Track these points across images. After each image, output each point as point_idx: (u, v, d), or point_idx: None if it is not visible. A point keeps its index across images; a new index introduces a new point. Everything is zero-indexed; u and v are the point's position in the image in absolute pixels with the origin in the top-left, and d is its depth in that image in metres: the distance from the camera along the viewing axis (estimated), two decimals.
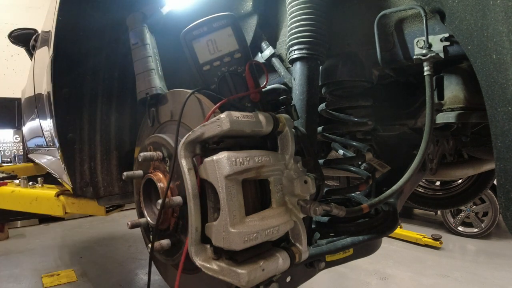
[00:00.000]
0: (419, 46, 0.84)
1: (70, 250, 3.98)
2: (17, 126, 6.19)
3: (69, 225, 4.96)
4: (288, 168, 0.70)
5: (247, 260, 0.62)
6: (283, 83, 1.04)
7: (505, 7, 0.52)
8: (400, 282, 3.16)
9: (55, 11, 1.17)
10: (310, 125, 0.89)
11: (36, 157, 2.89)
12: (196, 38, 0.75)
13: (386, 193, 0.91)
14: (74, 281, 3.13)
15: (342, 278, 3.19)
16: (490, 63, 0.56)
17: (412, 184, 1.35)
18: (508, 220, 0.57)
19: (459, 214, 4.49)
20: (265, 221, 0.62)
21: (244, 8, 1.10)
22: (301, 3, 0.90)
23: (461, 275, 3.29)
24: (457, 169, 1.63)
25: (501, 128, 0.56)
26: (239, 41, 0.75)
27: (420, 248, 4.04)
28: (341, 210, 0.74)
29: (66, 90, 1.23)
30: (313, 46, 0.90)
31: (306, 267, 0.90)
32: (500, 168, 0.57)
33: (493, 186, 3.16)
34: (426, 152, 0.85)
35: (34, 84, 2.30)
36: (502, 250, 3.98)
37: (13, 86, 5.93)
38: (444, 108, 0.98)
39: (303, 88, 0.89)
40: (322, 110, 1.08)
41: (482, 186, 2.29)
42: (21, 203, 2.06)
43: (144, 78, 1.05)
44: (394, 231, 1.03)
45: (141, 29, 1.09)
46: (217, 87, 0.75)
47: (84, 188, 1.38)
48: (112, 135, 1.39)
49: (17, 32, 3.06)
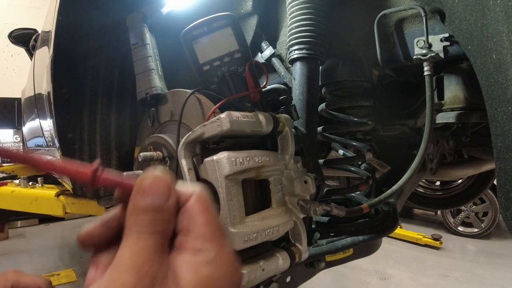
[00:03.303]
0: (419, 46, 0.84)
1: (70, 250, 3.98)
2: (17, 126, 6.19)
3: (69, 225, 4.96)
4: (288, 168, 0.70)
5: (247, 260, 0.62)
6: (283, 83, 1.04)
7: (505, 7, 0.52)
8: (400, 282, 3.16)
9: (55, 11, 1.17)
10: (310, 125, 0.89)
11: None
12: (196, 38, 0.75)
13: (386, 193, 0.91)
14: (74, 281, 3.13)
15: (342, 278, 3.19)
16: (490, 63, 0.57)
17: (412, 184, 1.35)
18: (508, 220, 0.57)
19: (459, 214, 4.49)
20: (265, 221, 0.62)
21: (244, 8, 1.10)
22: (301, 3, 0.90)
23: (461, 275, 3.29)
24: (457, 169, 1.63)
25: (501, 128, 0.56)
26: (239, 41, 0.75)
27: (420, 248, 4.04)
28: (341, 210, 0.74)
29: (66, 90, 1.24)
30: (313, 46, 0.90)
31: (306, 267, 0.90)
32: (500, 168, 0.57)
33: (493, 186, 3.16)
34: (426, 152, 0.85)
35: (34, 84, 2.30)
36: (502, 250, 3.98)
37: (13, 86, 5.93)
38: (444, 108, 0.98)
39: (303, 88, 0.89)
40: (322, 110, 1.08)
41: (482, 186, 2.29)
42: (21, 203, 2.06)
43: (144, 78, 1.05)
44: (394, 231, 1.03)
45: (141, 29, 1.09)
46: (217, 87, 0.75)
47: (84, 188, 1.38)
48: (112, 135, 1.39)
49: (17, 32, 3.06)
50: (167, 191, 0.30)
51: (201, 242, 0.29)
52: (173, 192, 0.30)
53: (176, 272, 0.27)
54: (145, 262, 0.26)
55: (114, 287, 0.26)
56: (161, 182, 0.30)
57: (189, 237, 0.29)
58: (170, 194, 0.30)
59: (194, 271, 0.27)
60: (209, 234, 0.29)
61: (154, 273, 0.26)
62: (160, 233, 0.28)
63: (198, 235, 0.29)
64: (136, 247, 0.27)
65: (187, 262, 0.28)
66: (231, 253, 0.30)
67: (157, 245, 0.28)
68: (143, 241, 0.27)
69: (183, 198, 0.31)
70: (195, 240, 0.29)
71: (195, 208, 0.30)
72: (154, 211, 0.29)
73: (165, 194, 0.30)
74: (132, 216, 0.29)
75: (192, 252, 0.28)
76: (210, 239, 0.29)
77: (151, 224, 0.28)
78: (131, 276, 0.26)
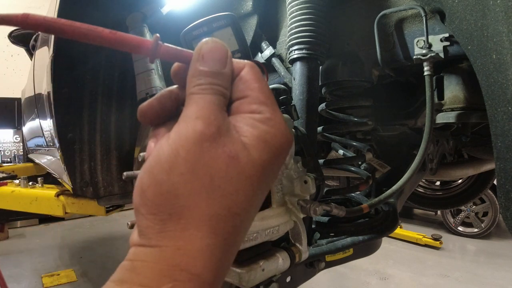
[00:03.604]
0: (419, 46, 0.84)
1: (70, 250, 3.98)
2: (17, 126, 6.19)
3: (69, 225, 4.96)
4: (288, 168, 0.70)
5: (247, 260, 0.62)
6: (283, 83, 1.04)
7: (505, 7, 0.52)
8: (400, 282, 3.16)
9: (55, 11, 1.17)
10: (310, 125, 0.89)
11: (36, 157, 2.89)
12: (196, 38, 0.75)
13: (386, 193, 0.91)
14: (74, 281, 3.13)
15: (342, 278, 3.20)
16: (490, 63, 0.56)
17: (412, 184, 1.35)
18: (508, 220, 0.57)
19: (459, 214, 4.49)
20: (265, 221, 0.62)
21: (244, 8, 1.10)
22: (301, 3, 0.90)
23: (461, 275, 3.29)
24: (457, 169, 1.64)
25: (501, 128, 0.56)
26: (239, 41, 0.75)
27: (420, 248, 4.04)
28: (341, 210, 0.74)
29: (66, 90, 1.24)
30: (313, 46, 0.90)
31: (306, 267, 0.90)
32: (500, 168, 0.57)
33: (493, 186, 3.16)
34: (426, 152, 0.85)
35: (34, 84, 2.30)
36: (502, 250, 3.98)
37: (13, 86, 5.93)
38: (444, 108, 0.98)
39: (303, 88, 0.89)
40: (322, 110, 1.08)
41: (482, 186, 2.29)
42: (21, 203, 2.06)
43: (144, 78, 1.05)
44: (394, 231, 1.03)
45: (141, 29, 1.09)
46: None
47: (84, 188, 1.38)
48: (112, 135, 1.39)
49: (17, 32, 3.06)
50: (224, 58, 0.32)
51: (257, 105, 0.31)
52: (229, 60, 0.33)
53: (237, 126, 0.30)
54: (211, 114, 0.29)
55: (186, 133, 0.28)
56: (219, 49, 0.33)
57: (245, 102, 0.32)
58: (227, 61, 0.32)
59: (253, 127, 0.30)
60: (264, 99, 0.32)
61: (219, 123, 0.29)
62: (221, 95, 0.31)
63: (254, 100, 0.32)
64: (202, 102, 0.30)
65: (246, 119, 0.31)
66: (282, 117, 0.32)
67: (220, 103, 0.30)
68: (207, 97, 0.30)
69: (237, 69, 0.33)
70: (251, 104, 0.31)
71: (249, 76, 0.33)
72: (213, 75, 0.31)
73: (222, 60, 0.32)
74: (194, 79, 0.31)
75: (249, 112, 0.31)
76: (265, 103, 0.32)
77: (212, 85, 0.31)
78: (200, 124, 0.28)
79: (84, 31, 0.31)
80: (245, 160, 0.29)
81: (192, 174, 0.28)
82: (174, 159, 0.28)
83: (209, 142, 0.28)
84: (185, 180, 0.28)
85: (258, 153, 0.29)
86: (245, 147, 0.29)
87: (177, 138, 0.29)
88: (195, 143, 0.28)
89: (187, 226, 0.27)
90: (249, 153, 0.29)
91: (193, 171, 0.28)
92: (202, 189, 0.28)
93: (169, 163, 0.28)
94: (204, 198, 0.28)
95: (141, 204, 0.29)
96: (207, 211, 0.28)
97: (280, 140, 0.31)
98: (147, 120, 0.34)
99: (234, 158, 0.28)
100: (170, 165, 0.28)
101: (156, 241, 0.27)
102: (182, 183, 0.28)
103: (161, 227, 0.28)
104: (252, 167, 0.29)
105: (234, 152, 0.29)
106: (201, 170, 0.28)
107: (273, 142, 0.30)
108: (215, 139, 0.28)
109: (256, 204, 0.31)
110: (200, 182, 0.28)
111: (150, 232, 0.28)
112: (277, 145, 0.31)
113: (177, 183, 0.28)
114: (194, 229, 0.27)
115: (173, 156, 0.28)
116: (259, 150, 0.30)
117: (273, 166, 0.31)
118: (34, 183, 2.18)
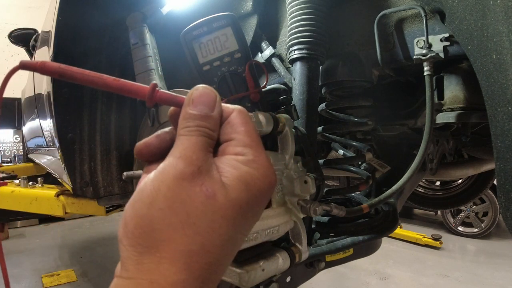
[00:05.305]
0: (419, 46, 0.84)
1: (70, 250, 3.98)
2: (17, 126, 6.19)
3: (69, 225, 4.96)
4: (288, 168, 0.70)
5: (247, 260, 0.62)
6: (283, 83, 1.04)
7: (505, 7, 0.52)
8: (400, 282, 3.16)
9: (55, 11, 1.17)
10: (310, 125, 0.89)
11: (36, 157, 2.89)
12: (196, 38, 0.75)
13: (386, 193, 0.91)
14: (74, 281, 3.14)
15: (342, 278, 3.20)
16: (490, 63, 0.56)
17: (412, 184, 1.35)
18: (508, 220, 0.57)
19: (459, 214, 4.49)
20: (265, 221, 0.62)
21: (244, 8, 1.10)
22: (301, 3, 0.90)
23: (461, 275, 3.29)
24: (457, 169, 1.63)
25: (501, 128, 0.56)
26: (239, 41, 0.75)
27: (420, 248, 4.04)
28: (341, 210, 0.74)
29: (66, 90, 1.24)
30: (313, 46, 0.90)
31: (306, 267, 0.90)
32: (500, 168, 0.57)
33: (493, 186, 3.16)
34: (426, 152, 0.85)
35: (34, 84, 2.30)
36: (502, 250, 3.98)
37: (13, 86, 5.91)
38: (444, 108, 0.98)
39: (303, 88, 0.89)
40: (322, 110, 1.08)
41: (482, 186, 2.29)
42: (21, 203, 2.06)
43: (144, 78, 1.05)
44: (394, 231, 1.03)
45: (141, 29, 1.09)
46: (217, 87, 0.75)
47: (84, 188, 1.38)
48: (112, 135, 1.39)
49: (17, 32, 3.06)
50: (213, 102, 0.34)
51: (242, 148, 0.33)
52: (218, 104, 0.35)
53: (220, 167, 0.32)
54: (193, 154, 0.31)
55: (168, 171, 0.30)
56: (208, 94, 0.35)
57: (231, 144, 0.34)
58: (215, 106, 0.34)
59: (235, 168, 0.32)
60: (249, 141, 0.34)
61: (200, 163, 0.31)
62: (207, 137, 0.33)
63: (239, 142, 0.33)
64: (187, 142, 0.32)
65: (230, 161, 0.32)
66: (267, 159, 0.34)
67: (204, 145, 0.32)
68: (192, 138, 0.32)
69: (226, 113, 0.35)
70: (236, 146, 0.33)
71: (236, 120, 0.35)
72: (201, 118, 0.33)
73: (210, 104, 0.34)
74: (183, 121, 0.33)
75: (234, 154, 0.33)
76: (249, 146, 0.33)
77: (199, 127, 0.33)
78: (181, 163, 0.30)
79: (92, 78, 0.35)
80: (222, 199, 0.30)
81: (170, 209, 0.29)
82: (155, 195, 0.30)
83: (187, 180, 0.30)
84: (164, 215, 0.29)
85: (236, 193, 0.30)
86: (224, 187, 0.30)
87: (159, 175, 0.30)
88: (174, 180, 0.30)
89: (162, 260, 0.28)
90: (227, 193, 0.30)
91: (171, 207, 0.29)
92: (179, 225, 0.29)
93: (150, 198, 0.30)
94: (179, 234, 0.29)
95: (124, 235, 0.30)
96: (181, 246, 0.28)
97: (261, 181, 0.32)
98: (143, 158, 0.36)
99: (211, 197, 0.30)
100: (150, 200, 0.30)
101: (133, 273, 0.28)
102: (161, 217, 0.29)
103: (139, 258, 0.29)
104: (230, 207, 0.30)
105: (212, 191, 0.30)
106: (179, 206, 0.29)
107: (254, 184, 0.32)
108: (194, 178, 0.30)
109: (233, 243, 0.32)
110: (177, 218, 0.29)
111: (129, 264, 0.29)
112: (258, 186, 0.32)
113: (156, 218, 0.29)
114: (168, 263, 0.28)
115: (155, 191, 0.30)
116: (238, 191, 0.31)
117: (253, 207, 0.32)
118: (34, 183, 2.18)
